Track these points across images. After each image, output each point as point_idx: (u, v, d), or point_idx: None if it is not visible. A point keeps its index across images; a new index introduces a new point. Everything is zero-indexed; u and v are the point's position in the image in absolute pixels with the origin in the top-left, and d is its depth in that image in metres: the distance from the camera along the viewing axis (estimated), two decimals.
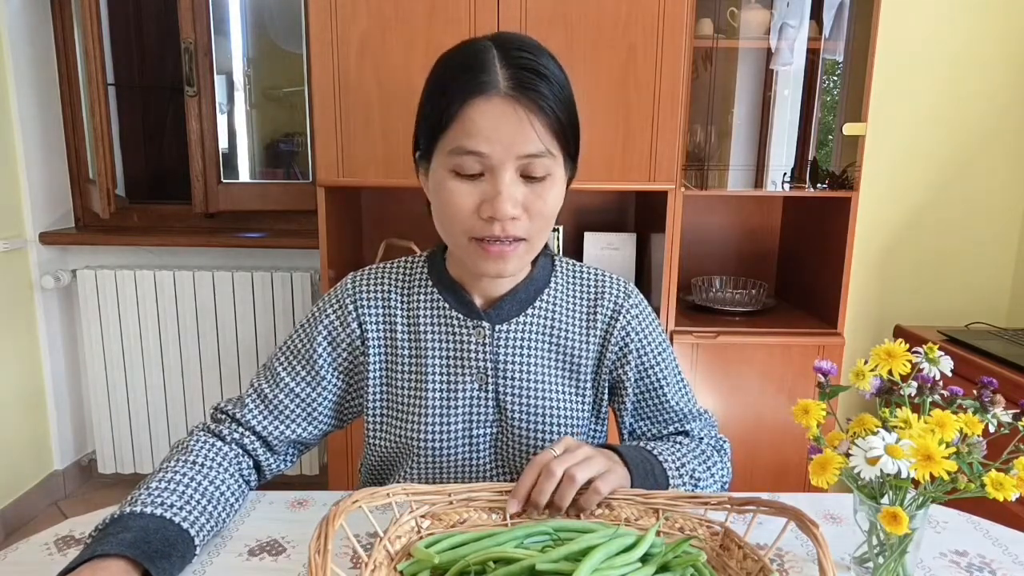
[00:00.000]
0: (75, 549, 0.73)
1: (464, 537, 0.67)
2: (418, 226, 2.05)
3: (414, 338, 0.88)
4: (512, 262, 0.80)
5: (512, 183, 0.76)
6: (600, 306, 0.91)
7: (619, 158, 1.73)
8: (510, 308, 0.87)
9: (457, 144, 0.75)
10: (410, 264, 0.92)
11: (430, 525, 0.70)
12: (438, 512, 0.71)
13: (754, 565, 0.63)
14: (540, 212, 0.78)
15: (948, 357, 0.70)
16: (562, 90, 0.77)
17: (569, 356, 0.89)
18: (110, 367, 2.24)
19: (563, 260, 0.95)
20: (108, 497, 2.31)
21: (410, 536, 0.69)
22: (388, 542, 0.66)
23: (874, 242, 2.20)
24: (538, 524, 0.69)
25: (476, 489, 0.72)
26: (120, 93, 2.39)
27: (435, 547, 0.65)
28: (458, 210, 0.77)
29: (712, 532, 0.69)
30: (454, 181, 0.77)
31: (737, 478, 1.90)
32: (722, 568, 0.66)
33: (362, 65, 1.68)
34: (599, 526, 0.69)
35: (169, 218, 2.35)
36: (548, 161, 0.77)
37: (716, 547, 0.68)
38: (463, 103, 0.74)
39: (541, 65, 0.76)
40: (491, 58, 0.75)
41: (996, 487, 0.61)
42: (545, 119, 0.75)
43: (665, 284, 1.81)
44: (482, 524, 0.72)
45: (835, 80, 1.89)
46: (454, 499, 0.71)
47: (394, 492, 0.68)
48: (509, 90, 0.74)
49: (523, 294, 0.88)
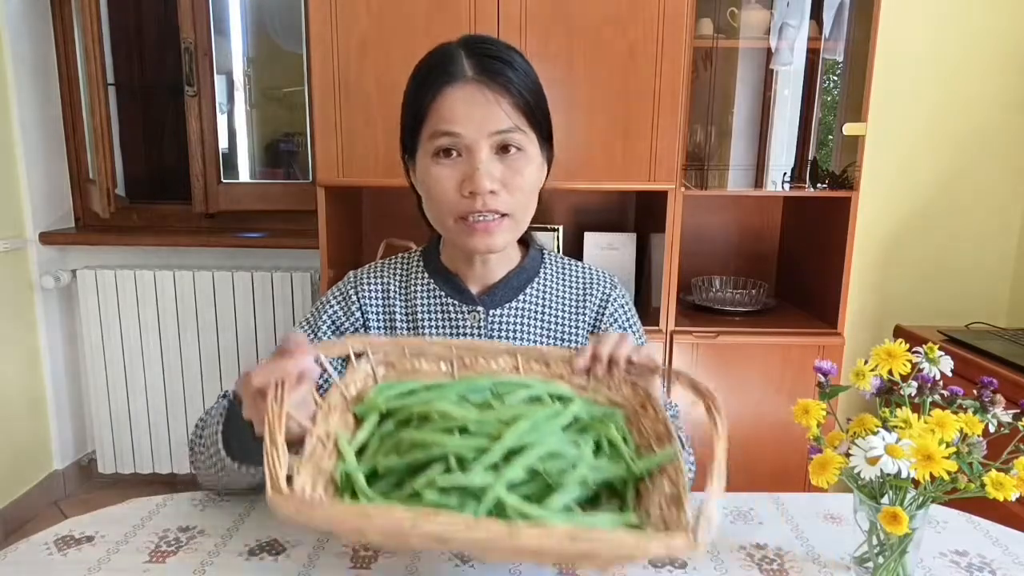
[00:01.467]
0: (75, 549, 0.73)
1: (414, 385, 0.73)
2: (418, 226, 2.04)
3: (412, 325, 0.93)
4: (498, 236, 0.84)
5: (488, 160, 0.82)
6: (589, 295, 0.96)
7: (619, 158, 1.73)
8: (503, 294, 0.92)
9: (434, 129, 0.82)
10: (406, 258, 0.98)
11: (385, 372, 0.76)
12: (393, 361, 0.77)
13: (663, 430, 0.68)
14: (519, 186, 0.83)
15: (948, 357, 0.70)
16: (527, 75, 0.84)
17: (560, 340, 0.94)
18: (110, 367, 2.24)
19: (552, 253, 1.00)
20: (108, 497, 2.31)
21: (366, 381, 0.75)
22: (344, 387, 0.72)
23: (874, 242, 2.20)
24: (480, 378, 0.74)
25: (427, 344, 0.78)
26: (120, 93, 2.39)
27: (385, 394, 0.71)
28: (442, 191, 0.83)
29: (635, 392, 0.74)
30: (436, 166, 0.83)
31: (737, 478, 1.90)
32: (636, 424, 0.71)
33: (362, 65, 1.68)
34: (536, 383, 0.74)
35: (169, 218, 2.35)
36: (519, 136, 0.82)
37: (637, 406, 0.73)
38: (436, 93, 0.82)
39: (505, 54, 0.83)
40: (458, 53, 0.83)
41: (996, 487, 0.61)
42: (512, 99, 0.81)
43: (665, 284, 1.81)
44: (432, 373, 0.77)
45: (835, 80, 1.89)
46: (407, 351, 0.77)
47: (352, 342, 0.74)
48: (476, 75, 0.81)
49: (515, 281, 0.93)
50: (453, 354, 0.77)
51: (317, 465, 0.62)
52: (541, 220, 0.92)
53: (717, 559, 0.73)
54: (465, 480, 0.58)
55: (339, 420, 0.69)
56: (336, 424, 0.68)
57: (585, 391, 0.76)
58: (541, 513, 0.57)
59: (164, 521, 0.79)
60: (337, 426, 0.68)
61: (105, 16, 2.25)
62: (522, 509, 0.57)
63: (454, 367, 0.77)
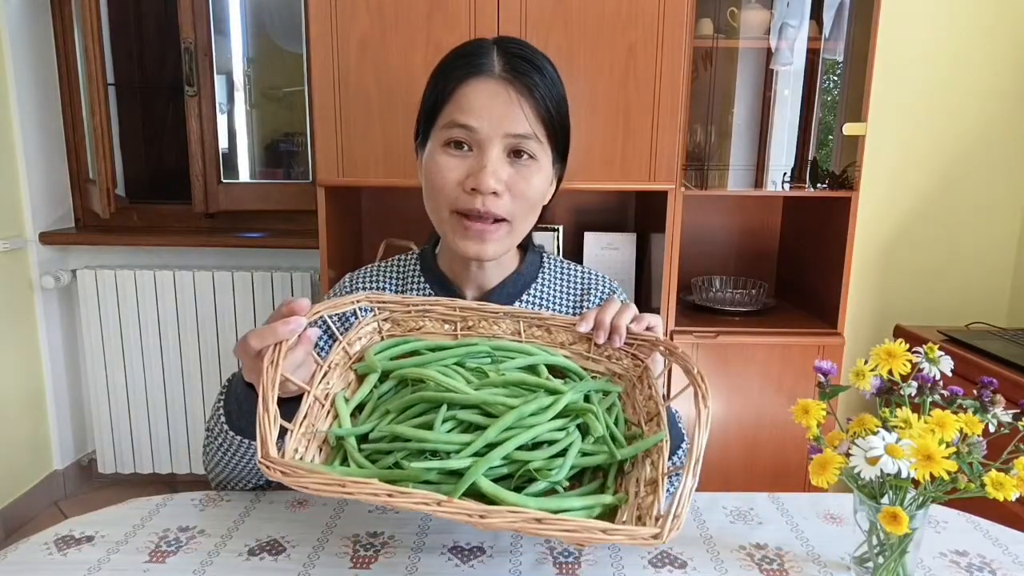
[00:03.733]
0: (75, 549, 0.73)
1: (415, 345, 0.75)
2: (418, 226, 2.04)
3: None
4: (492, 244, 0.83)
5: (498, 160, 0.80)
6: (587, 299, 0.95)
7: (619, 158, 1.73)
8: (498, 300, 0.90)
9: (450, 118, 0.80)
10: (403, 261, 0.96)
11: (390, 328, 0.78)
12: (397, 319, 0.77)
13: (654, 408, 0.69)
14: (523, 194, 0.81)
15: (948, 357, 0.70)
16: (554, 86, 0.82)
17: None
18: (110, 367, 2.24)
19: (551, 256, 0.98)
20: (108, 497, 2.31)
21: (371, 338, 0.76)
22: (347, 344, 0.73)
23: (874, 242, 2.20)
24: (480, 342, 0.75)
25: (432, 302, 0.78)
26: (120, 93, 2.39)
27: (386, 352, 0.73)
28: (445, 181, 0.81)
29: (635, 363, 0.74)
30: (444, 156, 0.81)
31: (737, 477, 1.90)
32: (631, 398, 0.73)
33: (362, 65, 1.68)
34: (536, 350, 0.75)
35: (169, 218, 2.35)
36: (534, 145, 0.81)
37: (635, 378, 0.74)
38: (459, 82, 0.80)
39: (536, 59, 0.81)
40: (490, 48, 0.81)
41: (996, 487, 0.61)
42: (535, 104, 0.80)
43: (665, 284, 1.81)
44: (435, 332, 0.78)
45: (835, 80, 1.89)
46: (412, 310, 0.78)
47: (358, 300, 0.74)
48: (503, 72, 0.79)
49: (511, 287, 0.91)
50: (457, 315, 0.78)
51: (313, 424, 0.65)
52: (541, 220, 0.92)
53: (717, 559, 0.73)
54: (446, 465, 0.60)
55: (340, 377, 0.71)
56: (336, 382, 0.70)
57: (586, 360, 0.76)
58: (516, 499, 0.59)
59: (164, 521, 0.79)
60: (337, 383, 0.70)
61: (105, 16, 2.25)
62: (498, 496, 0.59)
63: (457, 328, 0.78)
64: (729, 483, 1.91)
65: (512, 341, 0.78)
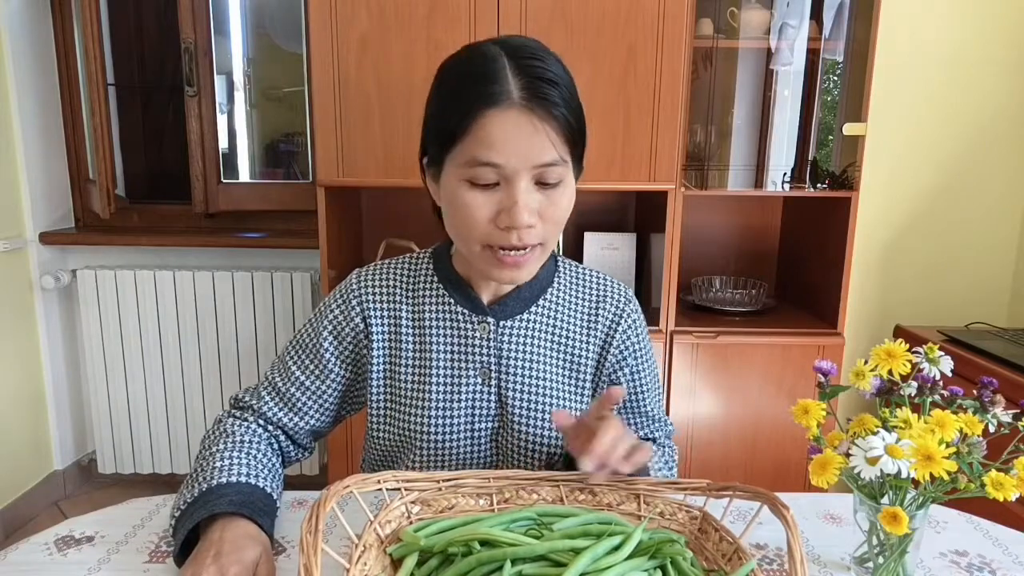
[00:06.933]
0: (75, 549, 0.73)
1: (452, 522, 0.68)
2: (418, 226, 2.05)
3: (419, 333, 0.89)
4: (525, 269, 0.81)
5: (527, 192, 0.76)
6: (602, 309, 0.93)
7: (619, 158, 1.73)
8: (514, 305, 0.89)
9: (472, 155, 0.75)
10: (415, 261, 0.94)
11: (420, 510, 0.72)
12: (427, 498, 0.72)
13: (729, 547, 0.66)
14: (554, 217, 0.79)
15: (948, 357, 0.70)
16: (571, 94, 0.78)
17: (570, 354, 0.91)
18: (110, 367, 2.24)
19: (566, 261, 0.96)
20: (108, 497, 2.31)
21: (400, 521, 0.70)
22: (379, 526, 0.67)
23: (874, 242, 2.20)
24: (523, 510, 0.70)
25: (463, 476, 0.74)
26: (120, 93, 2.39)
27: (423, 531, 0.67)
28: (475, 221, 0.77)
29: (691, 517, 0.72)
30: (470, 192, 0.77)
31: (737, 477, 1.90)
32: (700, 550, 0.68)
33: (362, 65, 1.68)
34: (583, 511, 0.71)
35: (169, 218, 2.35)
36: (561, 168, 0.77)
37: (695, 531, 0.70)
38: (478, 114, 0.74)
39: (552, 72, 0.76)
40: (503, 67, 0.75)
41: (996, 487, 0.61)
42: (558, 127, 0.75)
43: (665, 284, 1.81)
44: (470, 509, 0.73)
45: (835, 80, 1.89)
46: (443, 486, 0.73)
47: (384, 479, 0.69)
48: (523, 100, 0.74)
49: (527, 292, 0.90)
50: (491, 485, 0.73)
51: None
52: None
53: None
54: None
55: (375, 561, 0.65)
56: (373, 564, 0.64)
57: (638, 520, 0.72)
58: None
59: (164, 521, 0.79)
60: (374, 566, 0.64)
61: (105, 16, 2.25)
62: None
63: (493, 501, 0.73)
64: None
65: (557, 505, 0.74)
